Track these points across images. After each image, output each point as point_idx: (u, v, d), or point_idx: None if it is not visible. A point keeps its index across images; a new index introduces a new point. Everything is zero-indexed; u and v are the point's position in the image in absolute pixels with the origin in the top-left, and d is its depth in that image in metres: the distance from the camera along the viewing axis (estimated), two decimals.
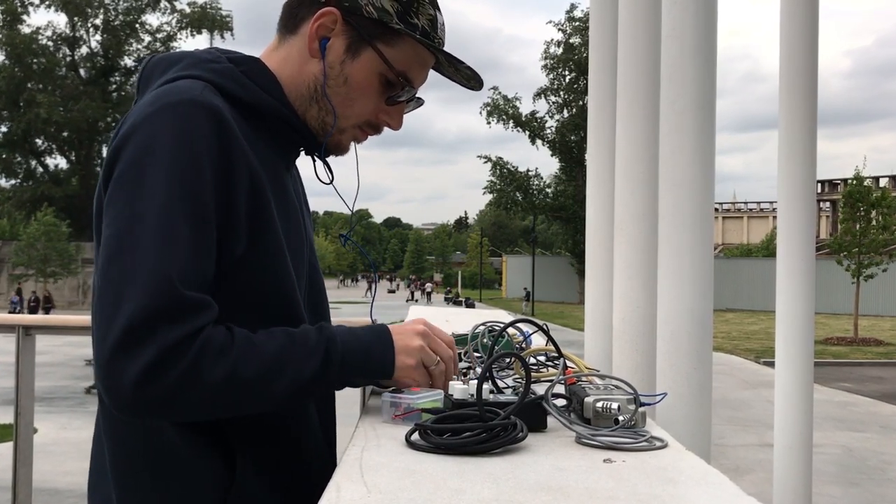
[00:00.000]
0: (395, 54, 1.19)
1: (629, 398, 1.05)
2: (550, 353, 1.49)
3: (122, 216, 1.00)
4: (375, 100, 1.22)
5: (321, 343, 1.06)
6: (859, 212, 22.85)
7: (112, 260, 0.98)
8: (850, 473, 8.25)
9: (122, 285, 0.96)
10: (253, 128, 1.15)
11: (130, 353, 0.93)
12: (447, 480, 0.83)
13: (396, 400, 1.10)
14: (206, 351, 0.97)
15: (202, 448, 1.10)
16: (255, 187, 1.09)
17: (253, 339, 1.03)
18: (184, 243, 0.99)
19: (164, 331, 0.94)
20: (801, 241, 3.56)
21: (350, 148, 1.28)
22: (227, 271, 1.07)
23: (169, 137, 1.02)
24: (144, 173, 1.01)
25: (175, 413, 1.00)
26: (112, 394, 0.95)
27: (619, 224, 2.61)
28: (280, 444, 1.17)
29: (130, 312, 0.94)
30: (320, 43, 1.19)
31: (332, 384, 1.09)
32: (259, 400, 1.03)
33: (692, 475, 0.88)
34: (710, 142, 2.16)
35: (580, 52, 45.59)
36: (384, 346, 1.13)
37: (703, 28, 2.15)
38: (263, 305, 1.12)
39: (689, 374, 2.09)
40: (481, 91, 1.27)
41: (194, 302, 0.98)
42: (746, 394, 13.33)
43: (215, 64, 1.16)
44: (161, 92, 1.08)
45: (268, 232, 1.11)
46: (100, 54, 48.83)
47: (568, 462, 0.91)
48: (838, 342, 22.07)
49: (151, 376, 0.94)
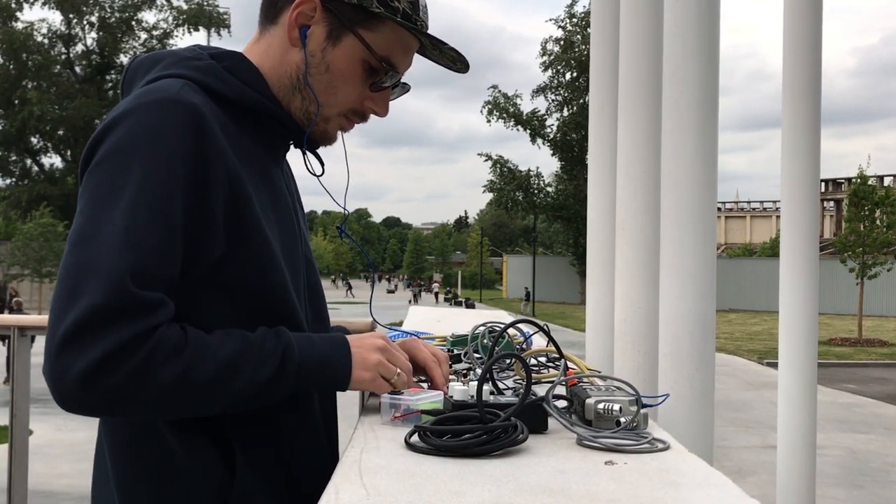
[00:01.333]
0: (377, 39, 1.18)
1: (631, 399, 1.06)
2: (551, 353, 1.49)
3: (88, 211, 1.00)
4: (359, 86, 1.21)
5: (278, 349, 1.06)
6: (863, 211, 22.85)
7: (72, 253, 0.98)
8: (854, 476, 8.25)
9: (77, 279, 0.96)
10: (237, 124, 1.15)
11: (77, 349, 0.93)
12: (447, 483, 0.83)
13: (396, 401, 1.10)
14: (158, 351, 0.97)
15: (202, 451, 1.10)
16: (235, 186, 1.08)
17: (207, 340, 1.03)
18: (146, 242, 0.99)
19: (114, 329, 0.94)
20: (805, 240, 3.56)
21: (338, 137, 1.28)
22: (208, 272, 1.07)
23: (143, 135, 1.02)
24: (116, 169, 1.01)
25: (121, 412, 1.00)
26: (57, 389, 0.95)
27: (621, 223, 2.61)
28: (280, 445, 1.16)
29: (82, 309, 0.94)
30: (300, 31, 1.18)
31: (287, 391, 1.08)
32: (210, 403, 1.02)
33: (694, 477, 0.88)
34: (713, 140, 2.16)
35: (581, 49, 45.59)
36: (342, 359, 1.12)
37: (705, 25, 2.15)
38: (254, 305, 1.11)
39: (692, 376, 2.09)
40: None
41: (148, 301, 0.98)
42: (749, 395, 13.33)
43: (197, 61, 1.16)
44: (140, 92, 1.08)
45: (250, 228, 1.10)
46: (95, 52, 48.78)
47: (569, 464, 0.92)
48: (842, 343, 22.07)
49: (98, 374, 0.93)
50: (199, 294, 1.06)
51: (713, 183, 2.16)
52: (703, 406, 2.10)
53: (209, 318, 1.07)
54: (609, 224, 2.97)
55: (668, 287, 2.15)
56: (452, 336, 1.67)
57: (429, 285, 68.87)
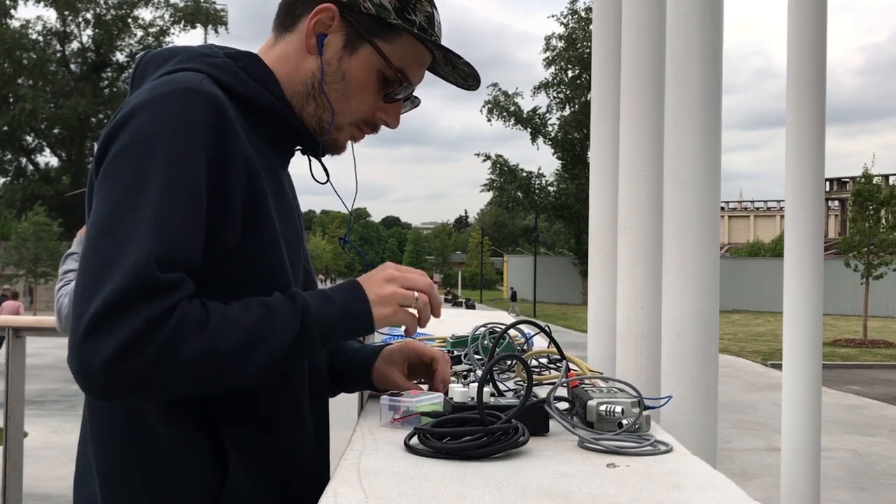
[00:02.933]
0: (393, 50, 1.20)
1: (633, 401, 1.06)
2: (553, 355, 1.49)
3: (114, 198, 1.01)
4: (373, 97, 1.23)
5: (297, 310, 1.07)
6: (868, 211, 22.86)
7: (97, 240, 0.99)
8: (859, 478, 8.25)
9: (102, 268, 0.96)
10: (251, 123, 1.16)
11: (100, 336, 0.94)
12: (447, 485, 0.83)
13: (395, 403, 1.10)
14: (182, 326, 0.98)
15: (193, 448, 1.10)
16: (252, 178, 1.10)
17: (228, 311, 1.03)
18: (174, 230, 1.00)
19: (138, 311, 0.95)
20: (809, 240, 3.56)
21: (347, 147, 1.29)
22: (219, 262, 1.08)
23: (166, 124, 1.03)
24: (139, 158, 1.02)
25: (152, 391, 1.00)
26: (84, 377, 0.95)
27: (623, 223, 2.61)
28: (272, 445, 1.17)
29: (107, 294, 0.94)
30: (317, 39, 1.20)
31: (312, 350, 1.09)
32: (237, 373, 1.03)
33: (698, 480, 0.88)
34: (716, 138, 2.16)
35: (583, 46, 45.58)
36: (359, 302, 1.13)
37: (709, 22, 2.15)
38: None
39: (695, 377, 2.09)
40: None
41: (168, 281, 0.98)
42: (753, 397, 13.34)
43: (213, 58, 1.17)
44: (159, 82, 1.09)
45: (263, 223, 1.11)
46: (91, 49, 48.81)
47: (570, 467, 0.92)
48: (847, 344, 22.08)
49: (123, 357, 0.94)
50: (207, 283, 1.06)
51: (716, 182, 2.16)
52: (707, 408, 2.10)
53: None
54: (611, 223, 2.97)
55: (670, 287, 2.16)
56: (453, 337, 1.68)
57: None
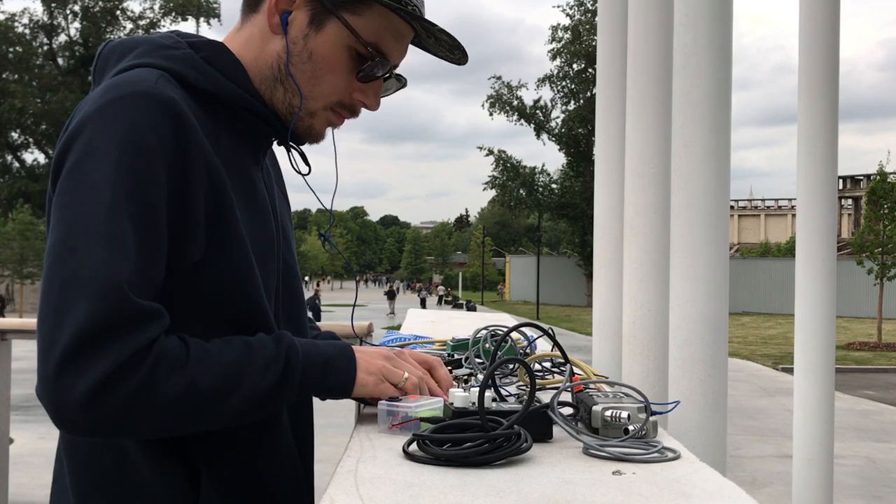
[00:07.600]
0: (364, 24, 1.15)
1: (639, 407, 1.06)
2: (556, 358, 1.49)
3: (67, 219, 0.98)
4: (346, 76, 1.18)
5: (281, 353, 1.06)
6: (882, 209, 22.85)
7: (56, 264, 0.96)
8: (874, 486, 8.24)
9: (67, 293, 0.93)
10: (215, 120, 1.12)
11: (79, 367, 0.91)
12: (447, 494, 0.83)
13: (393, 409, 1.10)
14: (161, 364, 0.96)
15: (165, 467, 1.09)
16: (216, 186, 1.06)
17: (209, 349, 1.02)
18: (131, 247, 0.97)
19: (116, 343, 0.93)
20: (822, 240, 3.57)
21: (326, 134, 1.24)
22: (183, 276, 1.05)
23: (117, 133, 1.00)
24: (91, 173, 0.98)
25: (128, 431, 0.99)
26: (59, 412, 0.93)
27: (629, 222, 2.61)
28: (248, 464, 1.16)
29: (78, 323, 0.92)
30: (281, 17, 1.15)
31: (291, 396, 1.08)
32: (216, 414, 1.01)
33: (706, 488, 0.88)
34: (726, 135, 2.16)
35: (588, 39, 45.56)
36: (346, 362, 1.12)
37: (717, 14, 2.15)
38: (226, 312, 1.10)
39: (703, 381, 2.10)
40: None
41: (145, 311, 0.96)
42: (764, 402, 13.33)
43: (174, 50, 1.13)
44: (112, 84, 1.05)
45: (229, 234, 1.08)
46: (79, 43, 48.75)
47: (575, 474, 0.92)
48: (861, 347, 22.06)
49: (102, 393, 0.92)
50: (174, 295, 1.04)
51: (726, 180, 2.16)
52: (716, 413, 2.10)
53: (179, 324, 1.04)
54: (617, 223, 2.97)
55: (678, 289, 2.16)
56: (453, 340, 1.67)
57: (428, 286, 68.88)
